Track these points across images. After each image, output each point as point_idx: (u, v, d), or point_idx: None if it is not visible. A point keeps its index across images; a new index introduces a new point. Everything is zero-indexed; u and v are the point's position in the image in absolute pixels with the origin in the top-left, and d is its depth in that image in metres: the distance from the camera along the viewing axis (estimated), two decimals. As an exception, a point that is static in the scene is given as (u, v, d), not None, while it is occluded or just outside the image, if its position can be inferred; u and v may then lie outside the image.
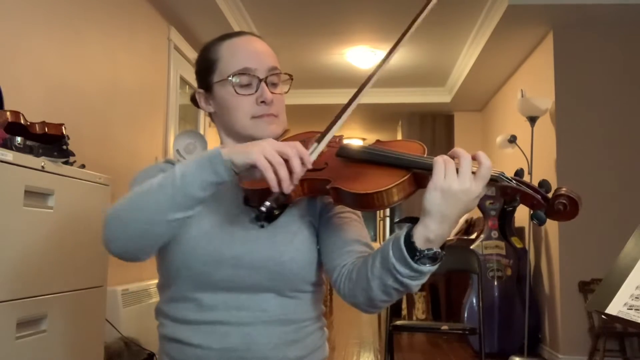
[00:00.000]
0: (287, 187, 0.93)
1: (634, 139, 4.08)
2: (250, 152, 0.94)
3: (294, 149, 0.95)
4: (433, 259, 0.96)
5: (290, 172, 0.94)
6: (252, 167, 0.95)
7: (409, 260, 0.94)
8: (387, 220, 7.60)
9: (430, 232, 0.94)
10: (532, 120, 4.27)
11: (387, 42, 4.98)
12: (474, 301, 4.46)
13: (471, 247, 4.52)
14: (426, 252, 0.95)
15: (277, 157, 0.94)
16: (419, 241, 0.95)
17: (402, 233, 0.97)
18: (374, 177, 1.00)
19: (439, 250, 0.96)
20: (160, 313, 1.15)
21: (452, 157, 0.96)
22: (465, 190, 0.93)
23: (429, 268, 0.96)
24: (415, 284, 0.98)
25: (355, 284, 1.05)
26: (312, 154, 1.00)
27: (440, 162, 0.94)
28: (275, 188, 0.93)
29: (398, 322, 3.46)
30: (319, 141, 1.03)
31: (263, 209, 0.93)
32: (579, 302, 3.92)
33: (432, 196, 0.93)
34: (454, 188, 0.92)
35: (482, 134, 6.71)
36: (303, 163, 0.95)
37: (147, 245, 1.00)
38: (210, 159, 0.96)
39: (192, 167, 0.96)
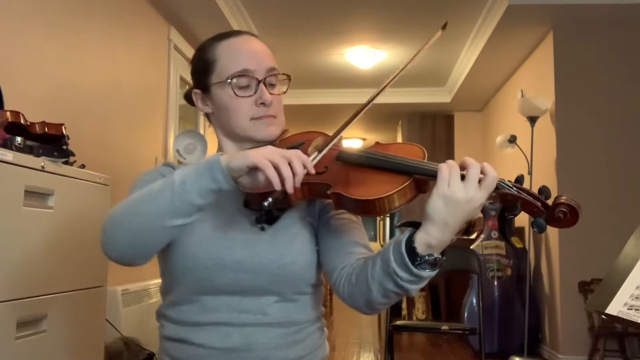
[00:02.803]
0: (290, 187, 0.92)
1: (634, 139, 4.08)
2: (249, 155, 0.93)
3: (295, 153, 0.95)
4: (433, 264, 0.96)
5: (293, 173, 0.92)
6: (252, 170, 0.93)
7: (410, 265, 0.95)
8: (387, 220, 7.59)
9: (432, 238, 0.94)
10: (532, 120, 4.27)
11: (387, 42, 4.98)
12: (474, 301, 4.46)
13: (471, 247, 4.52)
14: (427, 257, 0.95)
15: (278, 157, 0.93)
16: (420, 246, 0.95)
17: (403, 238, 0.97)
18: (375, 182, 1.00)
19: (440, 256, 0.96)
20: (162, 316, 1.15)
21: (462, 167, 0.95)
22: (469, 199, 0.92)
23: (428, 273, 0.96)
24: (415, 288, 0.98)
25: (354, 287, 1.05)
26: (312, 161, 0.99)
27: (445, 170, 0.93)
28: (277, 186, 0.91)
29: (398, 322, 3.47)
30: (319, 150, 1.02)
31: (265, 203, 0.92)
32: (579, 302, 3.92)
33: (435, 203, 0.93)
34: (458, 197, 0.92)
35: (482, 134, 6.71)
36: (305, 167, 0.94)
37: (144, 250, 0.99)
38: (209, 166, 0.94)
39: (191, 174, 0.95)
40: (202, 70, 1.19)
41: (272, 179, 0.91)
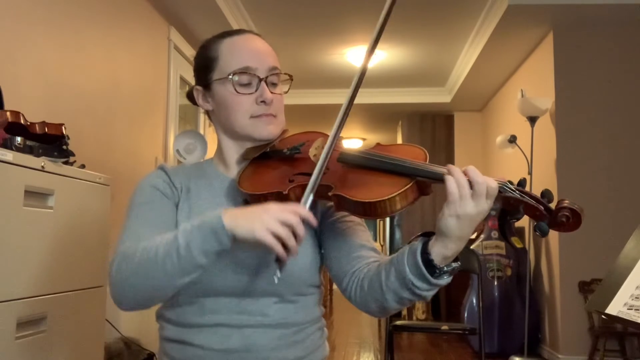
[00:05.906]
0: (295, 253, 0.93)
1: (633, 139, 4.08)
2: (254, 228, 0.92)
3: (296, 215, 0.93)
4: (451, 273, 0.98)
5: (296, 236, 0.93)
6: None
7: (428, 277, 0.96)
8: (387, 221, 7.59)
9: (449, 250, 0.96)
10: (532, 120, 4.27)
11: (387, 42, 4.97)
12: (474, 301, 4.46)
13: (471, 247, 4.52)
14: (445, 268, 0.97)
15: (283, 230, 0.92)
16: (437, 258, 0.96)
17: (417, 249, 0.97)
18: (377, 184, 0.99)
19: (457, 264, 0.98)
20: (162, 317, 1.16)
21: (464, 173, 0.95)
22: (480, 212, 0.93)
23: (446, 281, 0.98)
24: (431, 294, 1.00)
25: (367, 294, 1.05)
26: (305, 204, 0.98)
27: (455, 191, 0.93)
28: (285, 259, 0.93)
29: (398, 322, 3.46)
30: (312, 190, 1.00)
31: (278, 275, 0.95)
32: (579, 302, 3.92)
33: (448, 222, 0.94)
34: (469, 212, 0.93)
35: (482, 134, 6.70)
36: (306, 223, 0.95)
37: (154, 302, 1.05)
38: (214, 231, 0.94)
39: (196, 238, 0.94)
40: (204, 67, 1.19)
41: (279, 255, 0.92)
